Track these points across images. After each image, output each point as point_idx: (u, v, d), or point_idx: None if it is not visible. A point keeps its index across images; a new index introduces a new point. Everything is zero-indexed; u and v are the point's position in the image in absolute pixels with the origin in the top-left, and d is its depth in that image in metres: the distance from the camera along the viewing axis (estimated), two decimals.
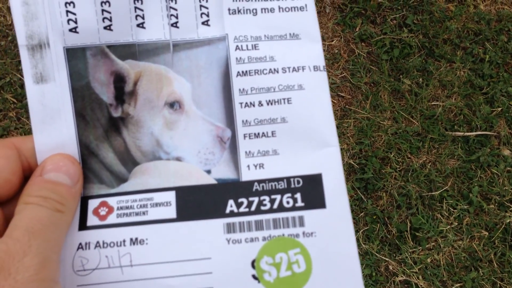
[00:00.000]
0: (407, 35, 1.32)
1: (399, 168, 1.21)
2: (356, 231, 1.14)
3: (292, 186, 0.29)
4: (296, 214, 0.28)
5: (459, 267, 1.13)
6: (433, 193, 1.19)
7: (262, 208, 0.28)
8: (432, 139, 1.24)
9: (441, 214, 1.18)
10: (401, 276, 1.11)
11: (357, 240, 1.13)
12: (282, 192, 0.28)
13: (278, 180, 0.29)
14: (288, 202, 0.28)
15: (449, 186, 1.20)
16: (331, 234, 0.28)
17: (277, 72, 0.29)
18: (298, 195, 0.28)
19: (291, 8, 0.30)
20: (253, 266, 0.27)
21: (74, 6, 0.27)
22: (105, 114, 0.29)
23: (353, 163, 1.19)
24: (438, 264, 1.13)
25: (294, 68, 0.29)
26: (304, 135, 0.29)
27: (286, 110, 0.29)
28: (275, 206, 0.28)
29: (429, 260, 1.12)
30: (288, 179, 0.29)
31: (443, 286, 1.12)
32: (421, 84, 1.29)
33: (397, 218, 1.16)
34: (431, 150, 1.23)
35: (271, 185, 0.28)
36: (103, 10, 0.28)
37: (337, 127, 1.22)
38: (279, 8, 0.30)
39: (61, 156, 0.27)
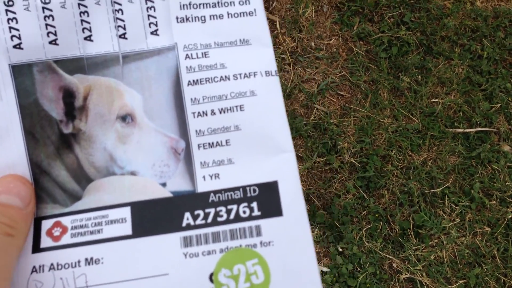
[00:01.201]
0: (405, 33, 1.32)
1: (400, 165, 1.21)
2: (359, 230, 1.14)
3: (248, 195, 0.28)
4: (253, 223, 0.28)
5: (462, 264, 1.13)
6: (434, 190, 1.19)
7: (219, 219, 0.28)
8: (432, 136, 1.24)
9: (443, 211, 1.18)
10: (405, 274, 1.11)
11: (360, 238, 1.13)
12: (238, 201, 0.28)
13: (234, 189, 0.28)
14: (244, 212, 0.28)
15: (451, 183, 1.20)
16: (289, 242, 0.27)
17: (229, 79, 0.29)
18: (254, 204, 0.28)
19: (240, 13, 0.29)
20: (211, 279, 0.27)
21: (17, 22, 0.27)
22: (55, 131, 0.28)
23: (354, 161, 1.19)
24: (442, 261, 1.13)
25: (245, 74, 0.29)
26: (258, 142, 0.28)
27: (239, 117, 0.29)
28: (232, 216, 0.28)
29: (432, 257, 1.12)
30: (244, 188, 0.28)
31: (447, 283, 1.12)
32: (420, 81, 1.29)
33: (399, 215, 1.16)
34: (431, 147, 1.23)
35: (227, 195, 0.28)
36: (47, 25, 0.27)
37: (337, 126, 1.22)
38: (228, 14, 0.29)
39: (12, 178, 0.27)
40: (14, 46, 0.27)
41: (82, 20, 0.28)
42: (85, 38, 0.28)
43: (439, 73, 1.30)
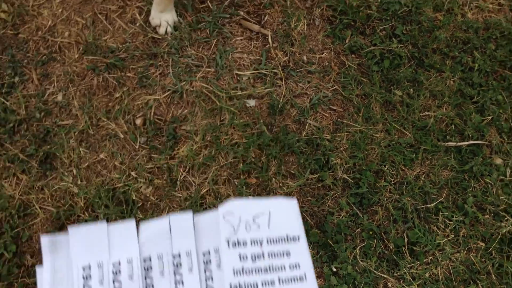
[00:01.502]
0: (397, 45, 1.31)
1: (393, 181, 1.20)
2: (353, 248, 1.12)
3: None
4: None
5: (457, 281, 1.12)
6: (428, 205, 1.18)
7: None
8: (425, 150, 1.23)
9: (437, 227, 1.17)
10: None
11: (355, 257, 1.11)
12: None
13: None
14: None
15: (444, 197, 1.20)
16: None
17: None
18: None
19: (291, 278, 0.30)
20: None
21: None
22: None
23: (347, 177, 1.18)
24: (437, 279, 1.12)
25: None
26: None
27: None
28: None
29: (427, 275, 1.11)
30: None
31: None
32: (412, 94, 1.28)
33: (394, 232, 1.15)
34: (424, 162, 1.22)
35: None
36: None
37: (330, 141, 1.21)
38: (279, 279, 0.29)
39: None
40: None
41: None
42: None
43: (431, 86, 1.29)
